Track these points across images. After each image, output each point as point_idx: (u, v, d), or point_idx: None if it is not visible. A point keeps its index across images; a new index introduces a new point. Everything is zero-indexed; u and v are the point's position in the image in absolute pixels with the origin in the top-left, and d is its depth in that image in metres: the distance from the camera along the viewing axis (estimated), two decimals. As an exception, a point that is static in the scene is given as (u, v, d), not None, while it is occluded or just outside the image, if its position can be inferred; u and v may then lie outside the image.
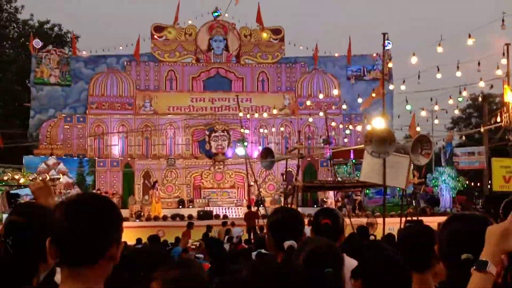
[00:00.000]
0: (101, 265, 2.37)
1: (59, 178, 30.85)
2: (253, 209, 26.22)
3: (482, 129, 29.64)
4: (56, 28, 50.64)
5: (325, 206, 27.14)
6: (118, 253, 2.43)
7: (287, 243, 3.83)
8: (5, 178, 29.58)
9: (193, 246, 15.39)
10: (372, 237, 12.66)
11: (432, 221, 13.11)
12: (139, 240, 18.65)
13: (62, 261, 2.36)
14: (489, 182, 26.54)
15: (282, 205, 24.33)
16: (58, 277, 2.64)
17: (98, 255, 2.35)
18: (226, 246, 14.01)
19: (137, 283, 4.04)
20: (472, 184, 38.58)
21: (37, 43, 36.24)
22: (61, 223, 2.34)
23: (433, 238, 3.93)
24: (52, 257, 2.37)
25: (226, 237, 20.68)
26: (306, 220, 4.95)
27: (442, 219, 3.49)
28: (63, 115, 34.96)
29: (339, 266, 3.16)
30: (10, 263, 3.06)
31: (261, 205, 26.41)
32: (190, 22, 36.93)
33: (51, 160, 32.09)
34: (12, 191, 3.74)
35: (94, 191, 32.04)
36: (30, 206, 3.40)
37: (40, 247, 2.43)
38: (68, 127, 34.41)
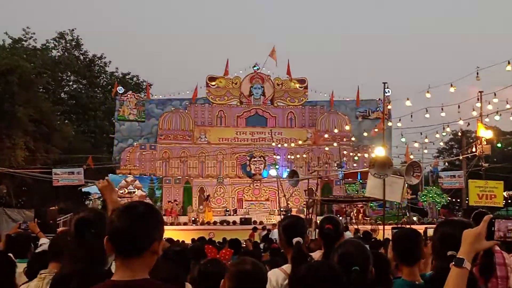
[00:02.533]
0: (146, 257, 2.36)
1: (135, 192, 31.09)
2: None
3: (461, 157, 29.36)
4: (135, 78, 51.38)
5: (330, 215, 26.94)
6: (160, 248, 2.42)
7: (295, 239, 3.87)
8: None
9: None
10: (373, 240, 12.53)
11: (420, 228, 12.92)
12: (193, 240, 18.54)
13: (117, 254, 2.37)
14: (467, 198, 26.12)
15: (305, 214, 24.25)
16: (113, 266, 2.64)
17: (143, 249, 2.35)
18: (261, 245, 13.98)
19: (182, 271, 4.06)
20: (454, 200, 37.96)
21: (120, 89, 36.77)
22: (115, 223, 2.36)
23: (419, 239, 3.94)
24: (109, 251, 2.38)
25: (263, 235, 20.59)
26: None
27: (429, 226, 3.51)
28: (139, 144, 35.28)
29: (366, 265, 3.13)
30: (84, 251, 3.04)
31: (289, 214, 26.33)
32: (236, 74, 37.21)
33: (129, 178, 32.34)
34: (84, 189, 3.67)
35: (168, 202, 32.24)
36: (94, 208, 3.42)
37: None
38: (142, 153, 34.70)
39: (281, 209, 26.75)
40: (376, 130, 25.30)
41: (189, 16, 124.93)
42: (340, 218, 25.54)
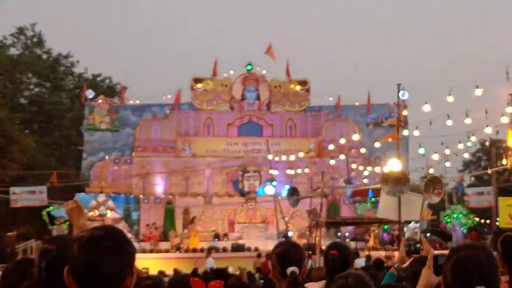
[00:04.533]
0: None
1: (107, 214, 31.02)
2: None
3: (489, 171, 29.44)
4: (107, 80, 51.44)
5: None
6: (132, 285, 2.40)
7: (290, 269, 3.90)
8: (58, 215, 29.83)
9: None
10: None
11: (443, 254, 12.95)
12: (175, 271, 18.48)
13: None
14: (497, 219, 26.22)
15: (308, 239, 24.27)
16: None
17: (113, 287, 2.33)
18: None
19: None
20: (482, 221, 38.06)
21: (90, 93, 36.79)
22: (78, 256, 2.32)
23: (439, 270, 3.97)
24: (70, 285, 2.34)
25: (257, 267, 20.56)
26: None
27: (439, 253, 3.57)
28: (112, 157, 35.28)
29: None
30: (43, 285, 3.13)
31: (284, 239, 26.36)
32: (225, 75, 37.28)
33: (101, 198, 32.25)
34: (51, 212, 3.78)
35: (146, 225, 32.20)
36: (61, 236, 3.51)
37: None
38: (116, 168, 34.70)
39: (280, 234, 26.76)
40: (389, 140, 25.39)
41: (170, 9, 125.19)
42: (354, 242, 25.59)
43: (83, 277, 2.31)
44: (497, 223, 28.92)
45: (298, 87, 37.25)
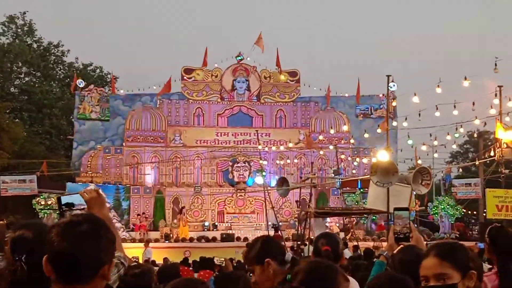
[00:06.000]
0: (94, 284, 2.32)
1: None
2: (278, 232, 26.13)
3: (477, 163, 29.54)
4: (97, 70, 51.21)
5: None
6: (110, 272, 2.38)
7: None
8: (49, 202, 29.78)
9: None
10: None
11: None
12: (165, 260, 18.47)
13: (57, 279, 2.30)
14: (484, 210, 26.33)
15: (297, 229, 24.30)
16: None
17: (91, 274, 2.30)
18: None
19: None
20: (469, 212, 38.24)
21: (80, 82, 36.64)
22: (56, 243, 2.28)
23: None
24: (49, 274, 2.31)
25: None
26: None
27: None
28: (102, 147, 35.20)
29: None
30: (28, 280, 2.85)
31: (279, 230, 26.44)
32: (216, 65, 37.21)
33: (91, 187, 32.05)
34: (64, 198, 3.26)
35: (137, 215, 32.16)
36: (33, 222, 3.18)
37: None
38: (107, 157, 34.60)
39: (270, 224, 26.78)
40: (378, 131, 25.41)
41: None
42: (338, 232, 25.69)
43: (60, 263, 2.28)
44: (484, 214, 29.07)
45: (288, 78, 37.17)
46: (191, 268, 14.62)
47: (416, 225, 29.26)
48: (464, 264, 2.85)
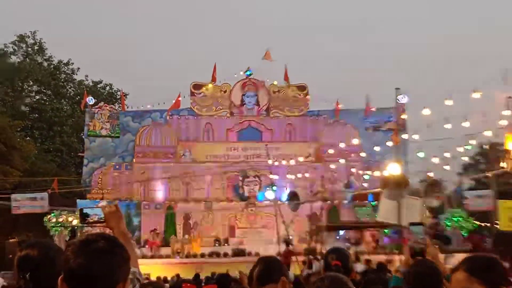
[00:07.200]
0: None
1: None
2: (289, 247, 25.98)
3: (489, 174, 29.32)
4: (107, 87, 51.45)
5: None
6: None
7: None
8: (60, 219, 29.80)
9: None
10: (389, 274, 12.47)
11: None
12: (177, 276, 18.38)
13: None
14: (496, 222, 26.13)
15: (308, 243, 24.20)
16: None
17: None
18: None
19: None
20: (481, 224, 37.90)
21: (90, 100, 36.74)
22: (72, 260, 2.32)
23: (440, 278, 3.95)
24: None
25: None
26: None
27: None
28: (112, 163, 35.22)
29: None
30: None
31: (290, 244, 26.32)
32: (225, 80, 37.26)
33: (102, 204, 32.08)
34: (86, 211, 3.41)
35: (151, 230, 32.10)
36: (40, 241, 3.28)
37: (55, 282, 2.40)
38: (117, 174, 34.62)
39: (281, 238, 26.64)
40: (389, 143, 25.30)
41: (168, 16, 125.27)
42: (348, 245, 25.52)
43: (76, 279, 2.30)
44: (496, 225, 28.83)
45: (297, 92, 37.15)
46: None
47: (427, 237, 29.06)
48: (495, 281, 2.75)
